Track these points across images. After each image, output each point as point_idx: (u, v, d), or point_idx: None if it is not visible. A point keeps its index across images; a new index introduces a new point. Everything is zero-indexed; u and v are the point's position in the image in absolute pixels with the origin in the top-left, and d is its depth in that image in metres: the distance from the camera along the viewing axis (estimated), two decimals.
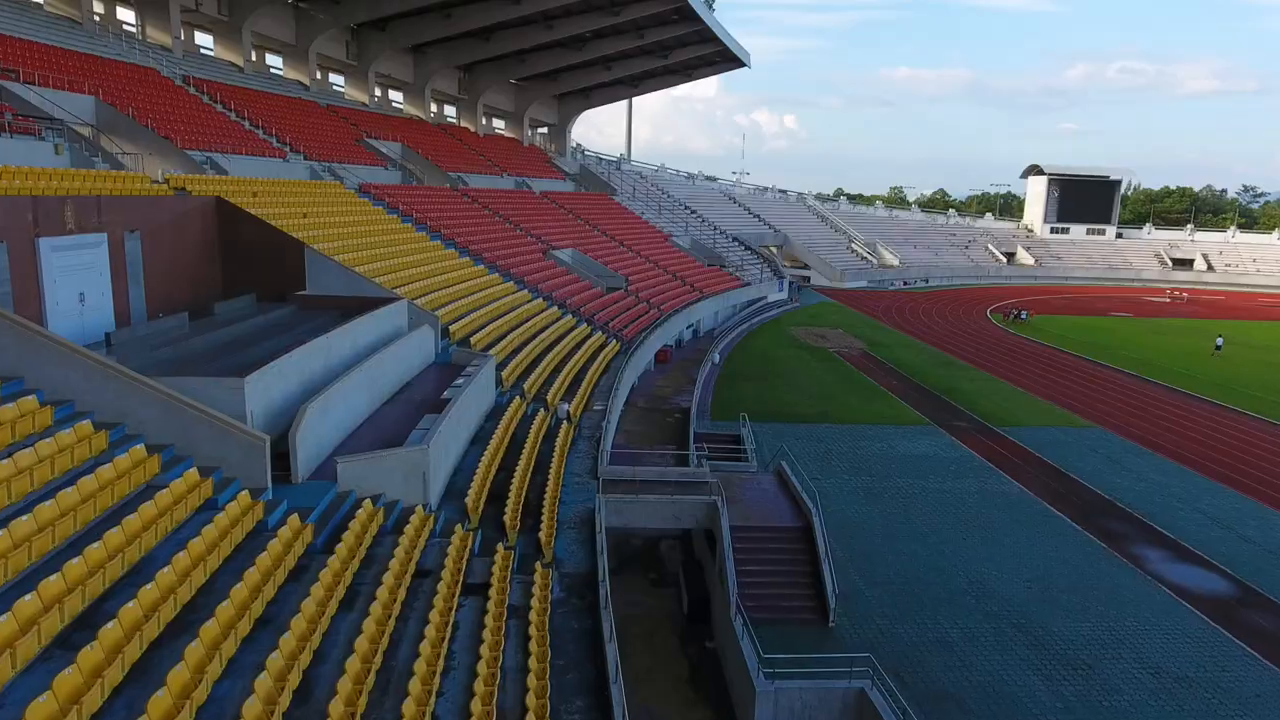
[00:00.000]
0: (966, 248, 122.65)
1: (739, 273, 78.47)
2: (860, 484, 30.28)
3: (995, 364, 54.18)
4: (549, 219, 61.96)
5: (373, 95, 61.77)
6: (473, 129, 74.75)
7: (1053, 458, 34.08)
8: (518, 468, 21.49)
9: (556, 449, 24.59)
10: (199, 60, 47.52)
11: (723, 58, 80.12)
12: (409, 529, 15.69)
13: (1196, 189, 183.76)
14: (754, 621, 18.18)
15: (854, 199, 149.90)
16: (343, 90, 61.74)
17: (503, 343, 32.57)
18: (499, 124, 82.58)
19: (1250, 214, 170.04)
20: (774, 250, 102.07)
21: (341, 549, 13.79)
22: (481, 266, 42.54)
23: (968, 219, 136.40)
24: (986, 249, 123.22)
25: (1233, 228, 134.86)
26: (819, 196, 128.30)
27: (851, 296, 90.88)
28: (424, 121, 67.14)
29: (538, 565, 16.43)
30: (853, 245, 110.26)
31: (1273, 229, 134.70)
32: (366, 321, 23.93)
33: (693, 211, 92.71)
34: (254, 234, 26.50)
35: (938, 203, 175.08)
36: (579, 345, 39.02)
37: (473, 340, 30.90)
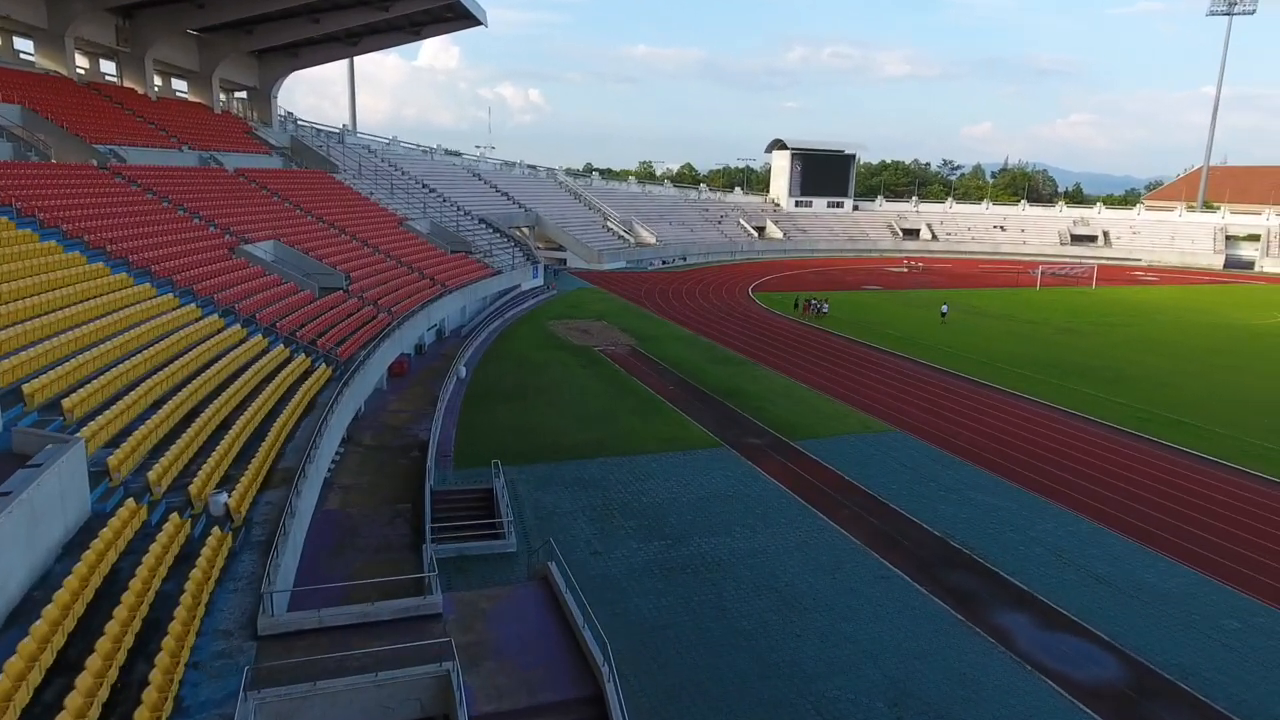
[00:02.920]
0: (720, 223, 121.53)
1: (488, 259, 69.55)
2: (653, 555, 23.10)
3: (769, 354, 49.85)
4: (244, 204, 49.40)
5: None
6: (141, 90, 59.25)
7: (865, 481, 28.99)
8: (101, 642, 11.93)
9: (188, 588, 15.06)
10: None
11: (454, 13, 69.73)
12: None
13: (906, 163, 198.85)
14: None
15: (605, 174, 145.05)
16: None
17: (124, 401, 21.65)
18: (181, 86, 67.00)
19: (949, 185, 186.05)
20: (526, 232, 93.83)
21: None
22: (123, 274, 30.56)
23: (718, 194, 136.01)
24: (739, 224, 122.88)
25: (950, 199, 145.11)
26: (570, 172, 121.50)
27: (612, 279, 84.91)
28: (65, 79, 51.42)
29: None
30: (608, 223, 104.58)
31: (982, 199, 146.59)
32: None
33: (432, 191, 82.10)
34: None
35: (686, 177, 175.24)
36: (268, 379, 28.68)
37: (66, 405, 19.88)
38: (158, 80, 61.38)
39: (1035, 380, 44.73)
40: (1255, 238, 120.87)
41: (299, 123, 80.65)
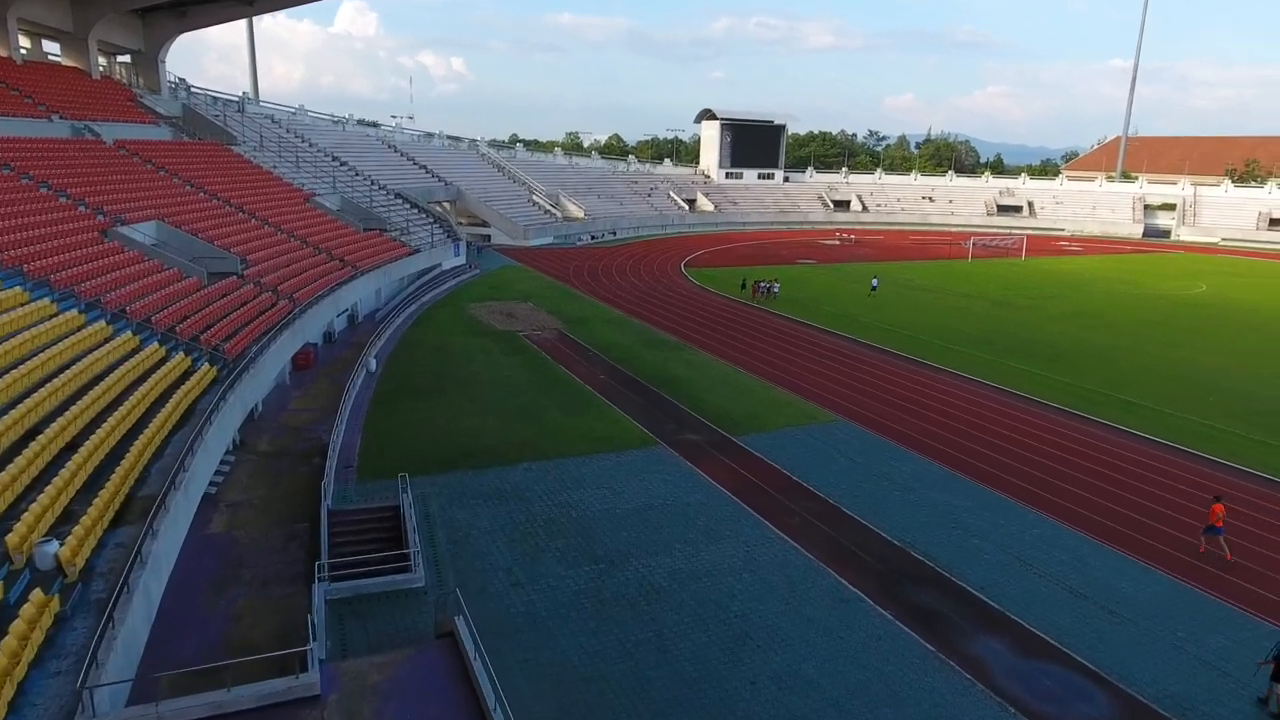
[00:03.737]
0: (649, 196, 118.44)
1: (405, 237, 65.25)
2: (583, 583, 20.27)
3: (704, 335, 47.31)
4: (123, 181, 44.29)
5: None
6: (4, 53, 52.96)
7: (814, 481, 26.65)
8: None
9: None
10: None
11: None
12: None
13: (834, 134, 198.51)
14: None
15: (531, 145, 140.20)
16: None
17: None
18: (54, 48, 60.43)
19: (877, 156, 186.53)
20: (447, 207, 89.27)
21: None
22: None
23: (647, 165, 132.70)
24: (669, 196, 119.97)
25: (879, 170, 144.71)
26: (493, 143, 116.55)
27: (538, 256, 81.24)
28: None
29: None
30: (534, 197, 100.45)
31: (909, 171, 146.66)
32: None
33: (343, 164, 76.84)
34: None
35: (614, 148, 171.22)
36: (135, 385, 24.79)
37: None
38: (24, 41, 55.11)
39: (976, 359, 43.22)
40: (1171, 207, 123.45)
41: (193, 90, 74.34)
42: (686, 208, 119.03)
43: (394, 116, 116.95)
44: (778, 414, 33.52)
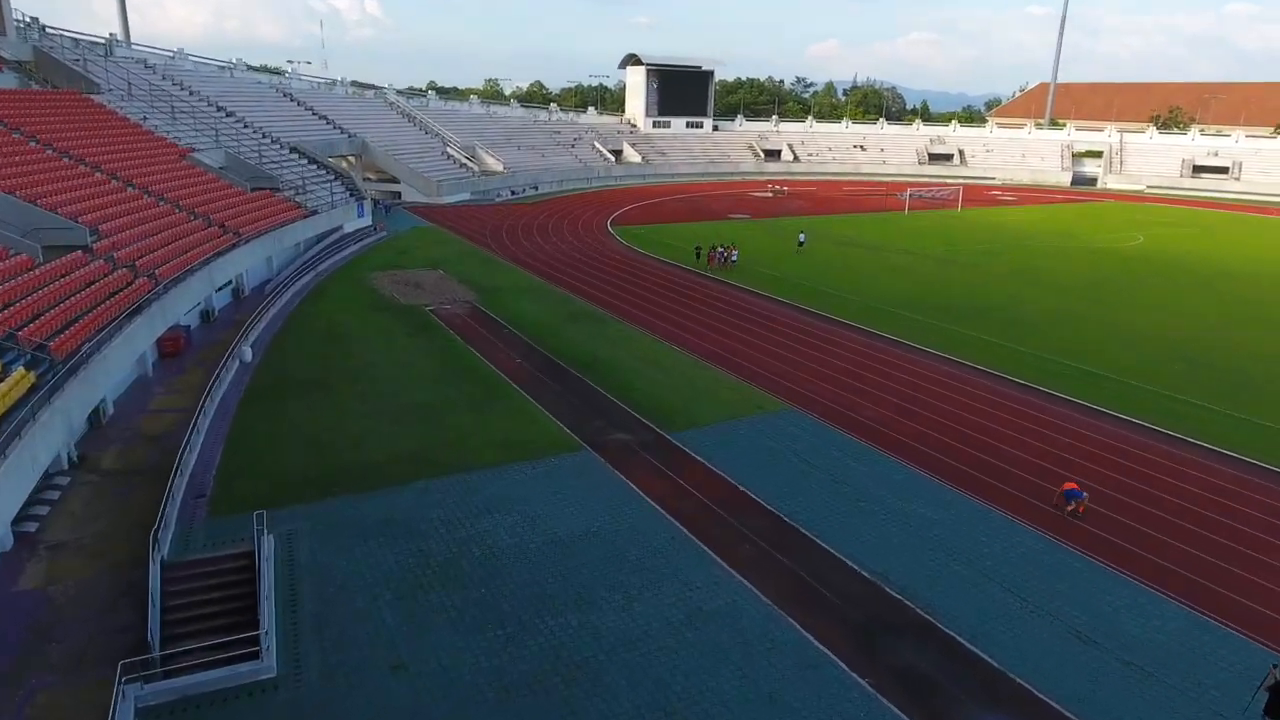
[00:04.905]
0: (573, 146, 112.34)
1: (301, 197, 58.71)
2: (486, 659, 15.87)
3: (630, 304, 42.84)
4: None
5: None
6: None
7: (765, 492, 22.64)
8: None
9: None
10: None
11: None
12: None
13: (762, 80, 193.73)
14: None
15: (446, 93, 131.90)
16: None
17: None
18: None
19: (805, 103, 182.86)
20: (351, 162, 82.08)
21: None
22: None
23: (570, 114, 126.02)
24: (594, 147, 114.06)
25: (810, 118, 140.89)
26: (404, 92, 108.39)
27: (453, 215, 75.12)
28: None
29: None
30: (449, 150, 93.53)
31: (840, 119, 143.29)
32: None
33: (230, 115, 69.04)
34: None
35: (536, 96, 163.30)
36: None
37: None
38: None
39: (929, 327, 39.88)
40: (1098, 154, 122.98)
41: (48, 30, 65.29)
42: (612, 159, 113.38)
43: (290, 62, 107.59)
44: (718, 403, 29.42)
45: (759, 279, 50.09)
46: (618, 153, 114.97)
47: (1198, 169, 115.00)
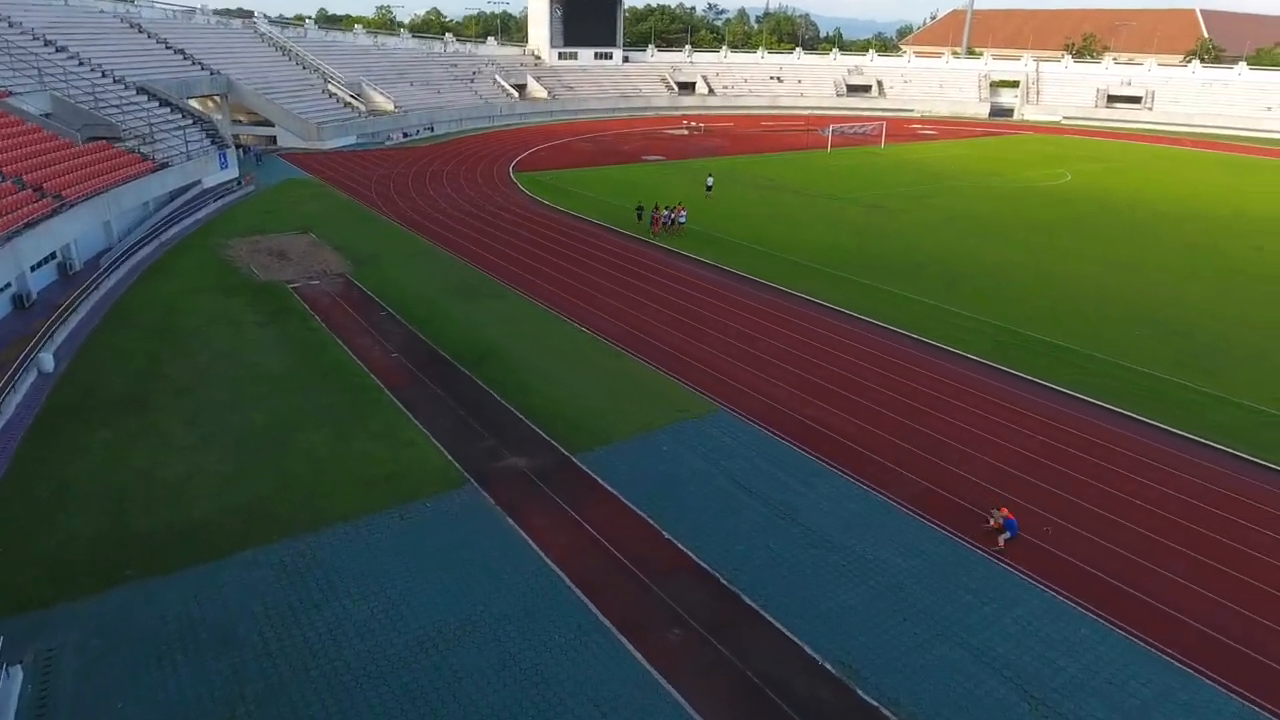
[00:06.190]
0: (473, 81, 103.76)
1: (149, 148, 50.61)
2: None
3: (533, 270, 37.28)
4: None
5: None
6: None
7: (694, 539, 17.94)
8: None
9: None
10: None
11: None
12: None
13: (672, 7, 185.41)
14: None
15: (333, 21, 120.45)
16: None
17: None
18: None
19: (718, 31, 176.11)
20: (214, 104, 72.73)
21: None
22: None
23: (469, 45, 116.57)
24: (495, 81, 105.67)
25: (724, 49, 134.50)
26: (279, 21, 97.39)
27: (335, 163, 67.20)
28: None
29: None
30: (331, 87, 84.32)
31: (755, 48, 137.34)
32: None
33: (60, 50, 59.26)
34: None
35: (433, 24, 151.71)
36: None
37: None
38: None
39: (867, 290, 35.69)
40: (1014, 84, 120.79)
41: None
42: (516, 95, 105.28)
43: None
44: (635, 405, 24.52)
45: (687, 238, 45.00)
46: (521, 87, 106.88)
47: (1112, 99, 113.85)
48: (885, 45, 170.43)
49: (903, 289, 36.01)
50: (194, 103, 67.47)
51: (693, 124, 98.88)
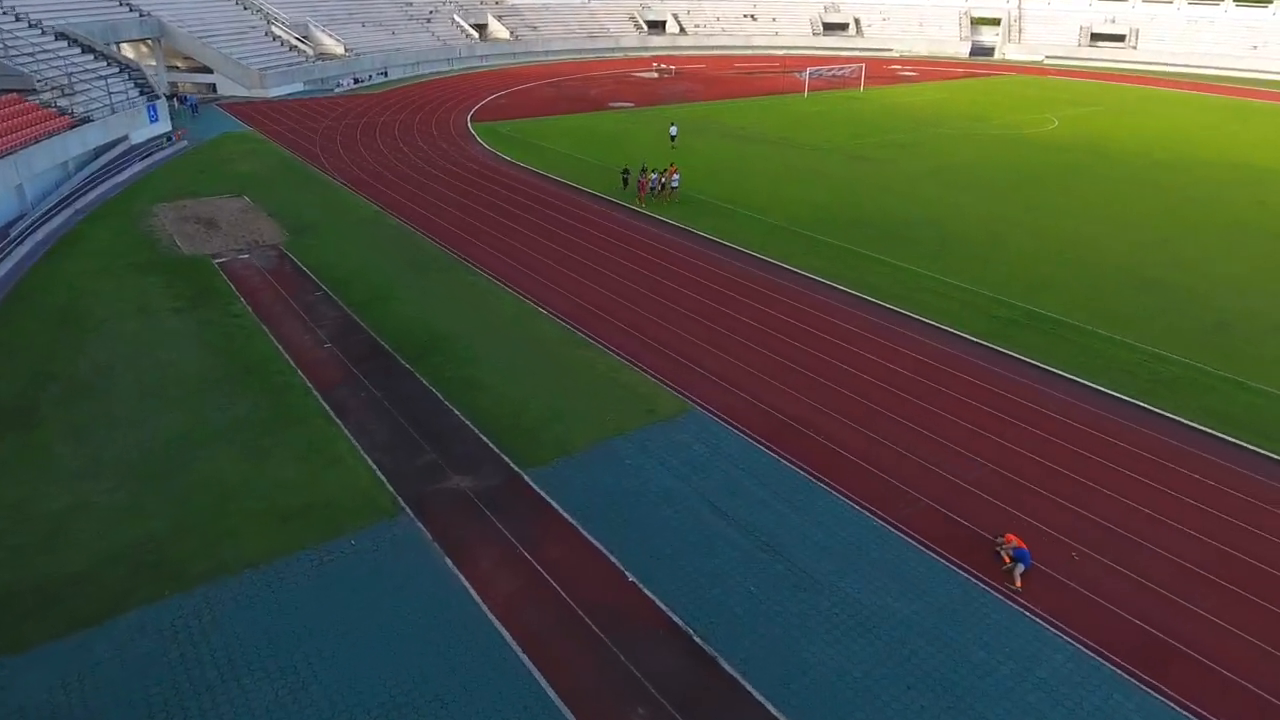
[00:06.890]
0: (429, 21, 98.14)
1: (66, 100, 46.44)
2: None
3: (489, 237, 34.03)
4: None
5: None
6: None
7: (666, 585, 15.37)
8: None
9: None
10: None
11: None
12: None
13: None
14: None
15: None
16: None
17: None
18: None
19: None
20: (146, 49, 67.47)
21: None
22: None
23: None
24: (454, 21, 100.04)
25: None
26: None
27: (279, 114, 62.64)
28: None
29: None
30: (275, 29, 78.89)
31: None
32: None
33: None
34: None
35: None
36: None
37: None
38: None
39: (853, 257, 32.91)
40: (995, 22, 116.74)
41: None
42: (476, 36, 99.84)
43: None
44: (597, 404, 21.74)
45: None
46: (482, 28, 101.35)
47: (1095, 36, 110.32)
48: None
49: (891, 255, 33.24)
50: (126, 49, 62.43)
51: (662, 66, 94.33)
